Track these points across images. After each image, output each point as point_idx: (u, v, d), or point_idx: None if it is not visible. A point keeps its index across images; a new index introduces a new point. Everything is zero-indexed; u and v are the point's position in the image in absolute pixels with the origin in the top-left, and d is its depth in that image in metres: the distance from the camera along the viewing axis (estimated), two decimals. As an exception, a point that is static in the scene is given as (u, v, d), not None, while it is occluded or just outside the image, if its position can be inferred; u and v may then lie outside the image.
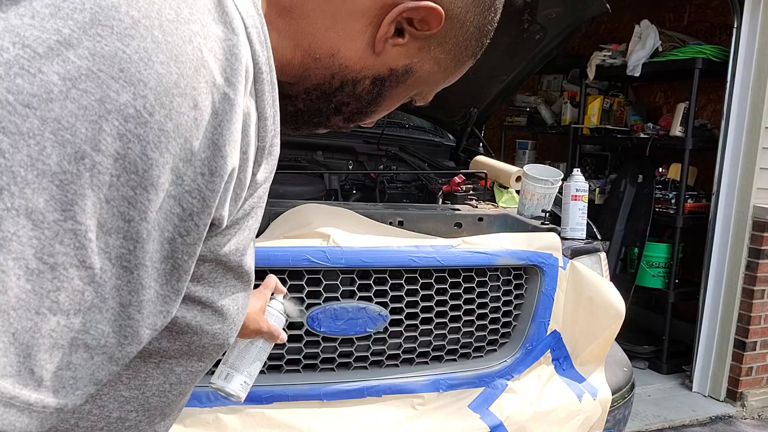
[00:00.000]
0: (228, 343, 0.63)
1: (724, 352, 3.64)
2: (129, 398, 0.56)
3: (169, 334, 0.55)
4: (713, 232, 3.65)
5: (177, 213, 0.46)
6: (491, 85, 2.71)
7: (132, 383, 0.56)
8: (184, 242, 0.47)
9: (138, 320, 0.47)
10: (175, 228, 0.46)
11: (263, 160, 0.54)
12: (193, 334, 0.57)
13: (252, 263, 0.62)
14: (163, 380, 0.58)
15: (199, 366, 0.62)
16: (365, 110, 0.71)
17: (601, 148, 4.70)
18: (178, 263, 0.48)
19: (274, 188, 2.26)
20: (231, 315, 0.60)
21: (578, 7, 2.28)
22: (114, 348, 0.46)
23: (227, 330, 0.61)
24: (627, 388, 2.11)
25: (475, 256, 1.85)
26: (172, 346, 0.56)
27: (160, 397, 0.59)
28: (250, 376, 1.12)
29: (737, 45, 3.47)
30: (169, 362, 0.58)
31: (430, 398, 1.81)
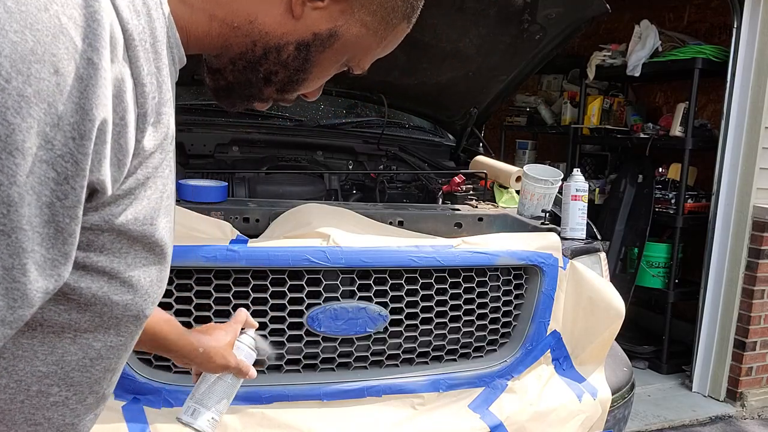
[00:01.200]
0: (144, 315, 0.63)
1: (724, 352, 3.64)
2: (47, 373, 0.57)
3: (77, 306, 0.56)
4: (713, 232, 3.65)
5: (52, 177, 0.47)
6: (491, 85, 2.71)
7: (49, 359, 0.57)
8: (63, 206, 0.48)
9: (24, 283, 0.48)
10: (52, 192, 0.47)
11: (147, 126, 0.54)
12: (102, 305, 0.57)
13: (167, 236, 0.62)
14: (82, 355, 0.59)
15: (118, 340, 0.62)
16: (295, 78, 0.71)
17: (601, 148, 4.70)
18: (60, 227, 0.49)
19: (274, 188, 2.27)
20: (143, 286, 0.60)
21: (578, 7, 2.28)
22: (4, 311, 0.47)
23: (140, 301, 0.60)
24: (627, 388, 2.11)
25: (475, 256, 1.85)
26: (83, 317, 0.57)
27: (83, 372, 0.60)
28: (218, 412, 1.09)
29: (737, 45, 3.47)
30: (84, 336, 0.58)
31: (430, 398, 1.81)
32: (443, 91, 2.78)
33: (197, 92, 2.89)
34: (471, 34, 2.41)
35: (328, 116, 3.08)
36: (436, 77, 2.68)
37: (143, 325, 0.66)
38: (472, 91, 2.75)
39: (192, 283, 1.62)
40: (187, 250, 1.57)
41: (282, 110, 3.03)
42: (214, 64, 0.71)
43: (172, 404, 1.59)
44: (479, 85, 2.71)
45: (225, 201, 1.88)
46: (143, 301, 0.61)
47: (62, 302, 0.55)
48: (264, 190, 2.26)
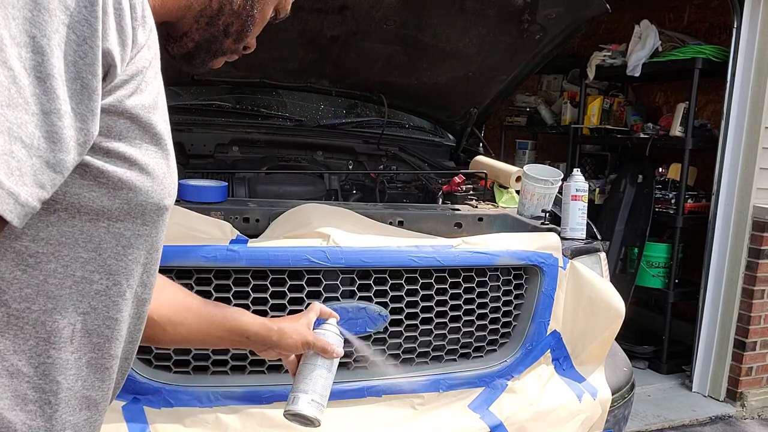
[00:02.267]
0: (164, 206, 0.71)
1: (723, 352, 3.64)
2: (88, 259, 0.65)
3: (108, 192, 0.64)
4: (713, 232, 3.65)
5: (73, 39, 0.56)
6: (491, 85, 2.71)
7: (88, 245, 0.65)
8: (85, 63, 0.57)
9: (61, 128, 0.56)
10: (74, 52, 0.57)
11: (137, 20, 0.63)
12: (128, 189, 0.65)
13: (165, 129, 0.70)
14: (115, 243, 0.67)
15: (144, 230, 0.70)
16: (245, 26, 0.84)
17: (601, 148, 4.70)
18: (85, 83, 0.58)
19: (274, 188, 2.27)
20: (158, 175, 0.68)
21: (578, 7, 2.28)
22: (47, 152, 0.55)
23: (158, 189, 0.68)
24: (627, 388, 2.11)
25: (475, 256, 1.85)
26: (114, 204, 0.65)
27: (118, 261, 0.68)
28: (317, 393, 1.14)
29: (737, 45, 3.47)
30: (116, 225, 0.66)
31: (430, 398, 1.80)
32: (443, 91, 2.78)
33: (197, 92, 2.89)
34: (471, 34, 2.41)
35: (328, 116, 3.08)
36: (436, 77, 2.69)
37: (166, 221, 0.74)
38: (472, 91, 2.75)
39: (192, 283, 1.62)
40: (187, 250, 1.57)
41: (282, 110, 3.04)
42: (179, 31, 0.81)
43: (172, 404, 1.59)
44: (479, 85, 2.71)
45: (225, 201, 1.88)
46: (161, 189, 0.69)
47: (95, 188, 0.63)
48: (264, 190, 2.26)
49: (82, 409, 0.68)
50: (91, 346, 0.68)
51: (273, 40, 2.40)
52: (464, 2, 2.23)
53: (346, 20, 2.31)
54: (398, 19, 2.31)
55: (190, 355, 1.64)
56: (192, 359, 1.65)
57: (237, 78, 2.69)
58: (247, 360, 1.68)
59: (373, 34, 2.40)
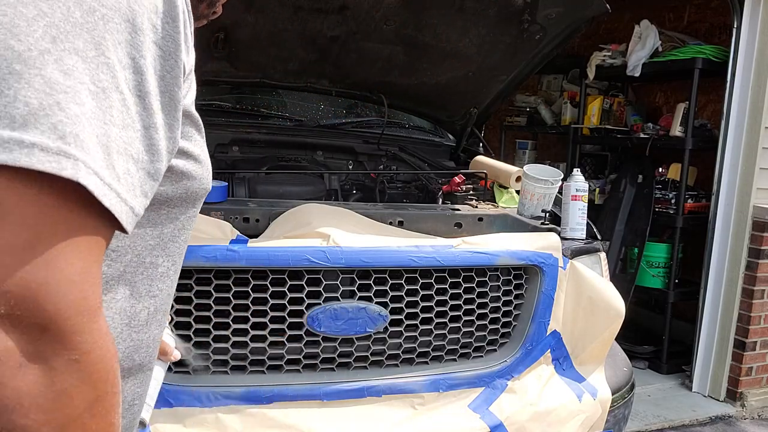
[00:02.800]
0: (208, 186, 0.76)
1: (723, 352, 3.64)
2: (154, 245, 0.71)
3: (171, 183, 0.70)
4: (713, 232, 3.65)
5: (160, 55, 0.61)
6: (491, 85, 2.71)
7: (153, 232, 0.71)
8: (171, 77, 0.62)
9: (158, 140, 0.61)
10: (162, 68, 0.61)
11: (191, 30, 0.68)
12: (188, 179, 0.71)
13: (199, 119, 0.75)
14: (172, 227, 0.73)
15: (192, 211, 0.76)
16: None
17: (601, 148, 4.70)
18: (172, 95, 0.63)
19: (274, 188, 2.27)
20: (205, 161, 0.75)
21: (578, 7, 2.28)
22: (149, 164, 0.60)
23: (206, 174, 0.75)
24: (627, 388, 2.11)
25: (475, 256, 1.85)
26: (175, 193, 0.71)
27: (174, 243, 0.74)
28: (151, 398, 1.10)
29: (737, 45, 3.47)
30: (174, 211, 0.72)
31: (430, 398, 1.81)
32: (443, 91, 2.78)
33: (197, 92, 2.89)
34: (471, 34, 2.41)
35: (328, 116, 3.08)
36: (436, 77, 2.69)
37: (201, 203, 0.80)
38: (472, 91, 2.75)
39: (192, 283, 1.62)
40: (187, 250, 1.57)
41: (282, 110, 3.04)
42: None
43: (172, 404, 1.59)
44: (479, 85, 2.71)
45: (225, 201, 1.89)
46: (208, 174, 0.75)
47: (163, 182, 0.68)
48: (264, 190, 2.26)
49: (143, 378, 0.75)
50: (157, 324, 0.74)
51: (273, 39, 2.40)
52: (464, 2, 2.23)
53: (346, 20, 2.31)
54: (398, 19, 2.31)
55: (191, 355, 1.64)
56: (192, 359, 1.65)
57: (237, 78, 2.69)
58: (247, 360, 1.69)
59: (373, 34, 2.40)
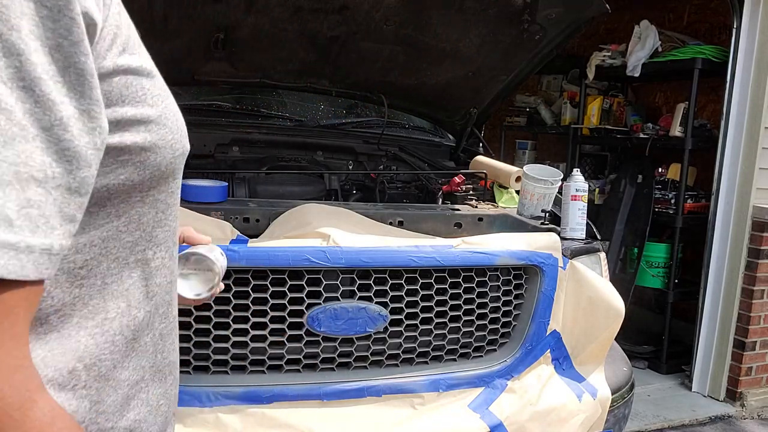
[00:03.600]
0: (185, 150, 0.63)
1: (723, 352, 3.64)
2: (136, 240, 0.59)
3: (134, 166, 0.56)
4: (713, 232, 3.65)
5: (45, 15, 0.45)
6: (491, 85, 2.71)
7: (130, 227, 0.58)
8: (70, 42, 0.46)
9: (71, 140, 0.46)
10: (53, 32, 0.45)
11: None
12: (153, 153, 0.57)
13: (151, 64, 0.61)
14: (154, 212, 0.61)
15: (175, 184, 0.64)
16: None
17: (600, 148, 4.70)
18: (79, 67, 0.47)
19: (274, 188, 2.27)
20: (170, 119, 0.60)
21: (578, 7, 2.28)
22: (65, 177, 0.46)
23: (177, 136, 0.61)
24: (627, 388, 2.11)
25: (475, 256, 1.85)
26: (143, 174, 0.57)
27: (162, 228, 0.62)
28: None
29: (737, 45, 3.47)
30: (150, 194, 0.59)
31: (430, 398, 1.81)
32: (443, 91, 2.78)
33: (197, 92, 2.90)
34: (471, 35, 2.41)
35: (328, 116, 3.08)
36: (436, 77, 2.69)
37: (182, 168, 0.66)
38: (472, 91, 2.75)
39: (192, 283, 1.62)
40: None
41: (282, 110, 3.04)
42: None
43: (173, 404, 1.59)
44: (479, 85, 2.72)
45: (225, 201, 1.89)
46: (180, 135, 0.62)
47: (119, 168, 0.55)
48: (264, 190, 2.26)
49: (158, 381, 0.65)
50: (160, 318, 0.64)
51: (273, 40, 2.40)
52: (464, 2, 2.23)
53: (346, 20, 2.31)
54: (398, 19, 2.31)
55: (191, 355, 1.64)
56: (192, 359, 1.65)
57: (237, 78, 2.69)
58: (247, 360, 1.69)
59: (373, 34, 2.40)
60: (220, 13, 2.21)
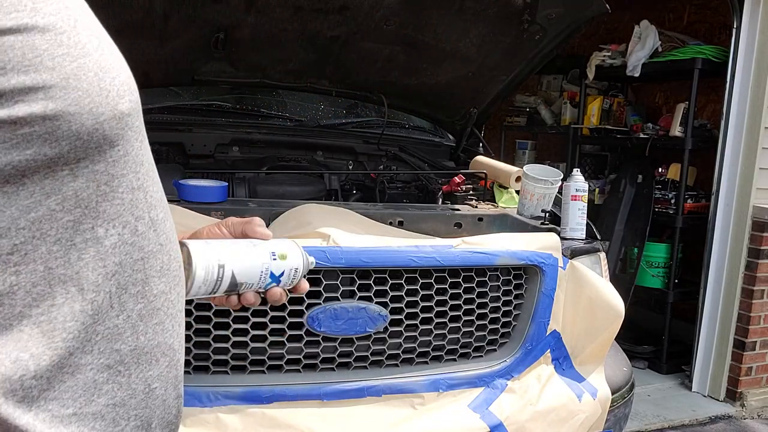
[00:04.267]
0: (123, 111, 0.54)
1: (723, 352, 3.64)
2: (78, 218, 0.52)
3: (42, 140, 0.48)
4: (713, 232, 3.65)
5: None
6: (491, 85, 2.71)
7: (66, 204, 0.51)
8: None
9: None
10: None
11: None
12: (67, 122, 0.49)
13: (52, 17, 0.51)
14: (95, 185, 0.53)
15: (116, 152, 0.54)
16: None
17: (600, 148, 4.71)
18: None
19: (274, 188, 2.27)
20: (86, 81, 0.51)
21: (578, 7, 2.28)
22: None
23: (99, 98, 0.51)
24: (627, 388, 2.11)
25: (475, 256, 1.85)
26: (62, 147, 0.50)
27: (109, 201, 0.55)
28: None
29: (737, 45, 3.47)
30: (83, 165, 0.52)
31: (430, 398, 1.81)
32: (443, 91, 2.78)
33: (197, 92, 2.90)
34: (471, 35, 2.41)
35: (328, 116, 3.08)
36: (436, 77, 2.69)
37: (138, 131, 0.57)
38: (472, 91, 2.75)
39: (192, 283, 1.62)
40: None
41: (282, 110, 3.04)
42: None
43: (173, 404, 1.59)
44: (479, 86, 2.72)
45: (225, 201, 1.89)
46: (104, 96, 0.52)
47: (22, 142, 0.47)
48: (264, 190, 2.26)
49: (145, 363, 0.61)
50: (133, 298, 0.58)
51: (273, 40, 2.40)
52: (464, 2, 2.23)
53: (346, 20, 2.32)
54: (398, 19, 2.32)
55: (191, 355, 1.64)
56: (192, 359, 1.65)
57: (237, 78, 2.69)
58: (248, 360, 1.69)
59: (373, 34, 2.40)
60: (220, 13, 2.21)
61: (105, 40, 0.55)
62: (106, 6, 2.03)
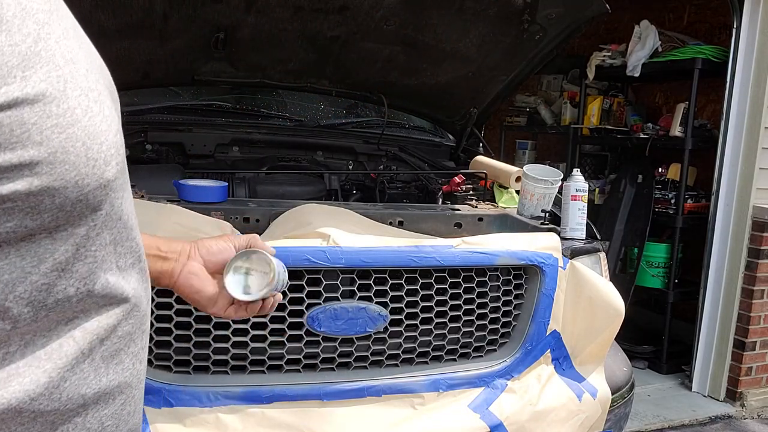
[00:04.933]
0: (108, 177, 0.52)
1: (723, 352, 3.64)
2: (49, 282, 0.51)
3: (24, 214, 0.47)
4: (713, 232, 3.65)
5: None
6: (491, 85, 2.71)
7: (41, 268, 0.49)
8: None
9: None
10: None
11: None
12: (51, 196, 0.48)
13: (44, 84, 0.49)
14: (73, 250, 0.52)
15: (98, 216, 0.53)
16: None
17: (600, 148, 4.71)
18: None
19: (274, 188, 2.27)
20: (74, 153, 0.49)
21: (578, 7, 2.28)
22: None
23: (86, 170, 0.50)
24: (627, 388, 2.11)
25: (475, 256, 1.85)
26: (44, 219, 0.48)
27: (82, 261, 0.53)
28: None
29: (737, 45, 3.47)
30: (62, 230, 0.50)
31: (430, 398, 1.81)
32: (443, 92, 2.78)
33: (197, 92, 2.90)
34: (471, 35, 2.41)
35: (328, 116, 3.08)
36: (436, 77, 2.69)
37: (122, 192, 0.56)
38: (472, 91, 2.75)
39: (192, 283, 1.62)
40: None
41: (282, 110, 3.04)
42: None
43: (173, 404, 1.59)
44: (479, 86, 2.72)
45: (225, 201, 1.89)
46: (90, 168, 0.50)
47: (3, 215, 0.46)
48: (264, 190, 2.26)
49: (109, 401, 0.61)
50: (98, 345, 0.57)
51: (273, 40, 2.40)
52: (464, 2, 2.23)
53: (346, 20, 2.32)
54: (398, 19, 2.32)
55: (191, 355, 1.64)
56: (192, 359, 1.65)
57: (237, 78, 2.69)
58: (248, 360, 1.69)
59: (373, 34, 2.40)
60: (220, 13, 2.21)
61: (93, 94, 0.52)
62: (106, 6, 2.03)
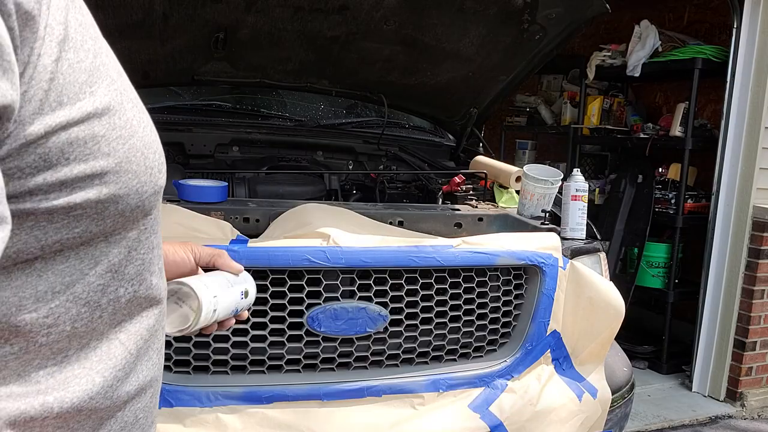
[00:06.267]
0: (160, 185, 0.57)
1: (723, 352, 3.64)
2: (105, 283, 0.55)
3: (90, 219, 0.50)
4: (713, 232, 3.65)
5: None
6: (491, 85, 2.71)
7: (97, 269, 0.53)
8: None
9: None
10: None
11: None
12: (116, 204, 0.52)
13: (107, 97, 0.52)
14: (126, 252, 0.55)
15: (148, 221, 0.57)
16: None
17: (600, 148, 4.70)
18: None
19: (274, 188, 2.27)
20: (135, 162, 0.53)
21: (578, 7, 2.28)
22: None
23: (145, 178, 0.54)
24: (627, 388, 2.11)
25: (475, 256, 1.85)
26: (106, 225, 0.52)
27: (134, 263, 0.57)
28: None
29: (737, 45, 3.47)
30: (116, 235, 0.54)
31: (430, 398, 1.81)
32: (443, 91, 2.78)
33: (197, 92, 2.90)
34: (471, 35, 2.41)
35: (328, 116, 3.08)
36: (436, 77, 2.69)
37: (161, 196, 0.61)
38: (472, 91, 2.75)
39: (192, 283, 1.62)
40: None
41: (282, 110, 3.04)
42: None
43: (173, 404, 1.59)
44: (479, 86, 2.72)
45: (225, 201, 1.89)
46: (148, 176, 0.54)
47: (72, 222, 0.49)
48: (264, 190, 2.26)
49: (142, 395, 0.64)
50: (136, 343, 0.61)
51: (273, 40, 2.40)
52: (464, 2, 2.23)
53: (346, 20, 2.31)
54: (398, 19, 2.32)
55: (191, 355, 1.64)
56: (192, 359, 1.65)
57: (237, 78, 2.69)
58: (247, 360, 1.69)
59: (373, 34, 2.40)
60: (220, 13, 2.21)
61: (139, 104, 0.57)
62: (106, 6, 2.03)
